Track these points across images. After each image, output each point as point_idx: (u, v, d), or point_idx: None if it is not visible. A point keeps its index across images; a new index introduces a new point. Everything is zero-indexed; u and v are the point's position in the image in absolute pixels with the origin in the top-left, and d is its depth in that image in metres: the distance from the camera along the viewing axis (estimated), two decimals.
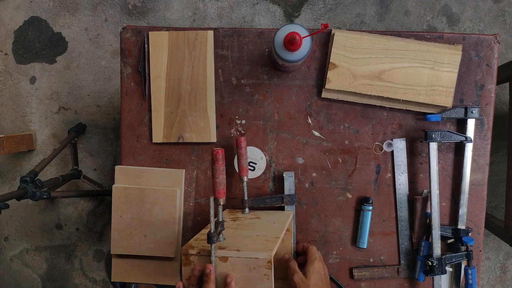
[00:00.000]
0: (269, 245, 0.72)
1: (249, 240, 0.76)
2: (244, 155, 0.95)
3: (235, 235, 0.79)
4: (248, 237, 0.77)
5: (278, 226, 0.84)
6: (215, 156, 0.78)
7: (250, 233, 0.80)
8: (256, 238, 0.77)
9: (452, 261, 0.94)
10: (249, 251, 0.70)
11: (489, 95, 0.97)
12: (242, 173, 0.95)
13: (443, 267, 0.94)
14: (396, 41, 0.94)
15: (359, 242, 0.99)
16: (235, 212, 0.96)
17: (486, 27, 1.78)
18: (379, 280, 1.01)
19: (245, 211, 0.96)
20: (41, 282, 1.95)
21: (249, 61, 0.99)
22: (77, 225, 1.92)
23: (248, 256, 0.70)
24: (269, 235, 0.78)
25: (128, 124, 1.01)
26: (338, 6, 1.81)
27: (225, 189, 0.77)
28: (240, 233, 0.81)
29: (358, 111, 0.99)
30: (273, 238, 0.76)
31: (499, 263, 1.82)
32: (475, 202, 0.98)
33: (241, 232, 0.81)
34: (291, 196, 0.98)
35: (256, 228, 0.83)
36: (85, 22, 1.88)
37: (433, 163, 0.93)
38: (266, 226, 0.84)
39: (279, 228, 0.83)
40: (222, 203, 0.77)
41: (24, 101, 1.90)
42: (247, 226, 0.85)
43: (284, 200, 0.98)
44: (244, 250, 0.71)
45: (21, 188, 1.38)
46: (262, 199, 0.98)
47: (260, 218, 0.91)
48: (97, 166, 1.91)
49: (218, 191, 0.77)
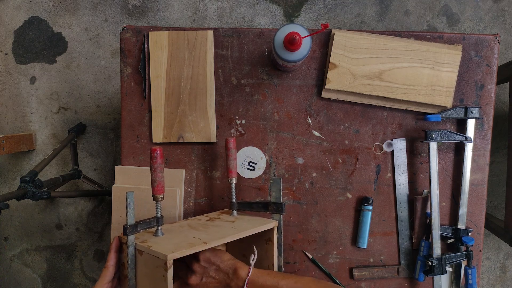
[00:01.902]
0: (183, 248, 0.71)
1: (178, 240, 0.75)
2: (231, 156, 0.92)
3: (178, 233, 0.80)
4: (184, 237, 0.77)
5: (232, 232, 0.80)
6: (152, 154, 0.79)
7: (194, 234, 0.79)
8: (189, 239, 0.76)
9: (452, 261, 0.94)
10: (157, 249, 0.70)
11: (489, 95, 0.97)
12: (230, 174, 0.92)
13: (443, 267, 0.93)
14: (396, 41, 0.94)
15: (359, 242, 0.99)
16: (223, 213, 0.95)
17: (486, 27, 1.78)
18: (379, 280, 1.01)
19: (233, 213, 0.93)
20: (41, 282, 1.95)
21: (249, 61, 0.99)
22: (77, 225, 1.92)
23: (153, 254, 0.70)
24: (209, 239, 0.76)
25: (128, 124, 1.01)
26: (338, 6, 1.81)
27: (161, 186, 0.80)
28: (185, 232, 0.81)
29: (358, 111, 0.99)
30: (202, 242, 0.74)
31: (499, 263, 1.82)
32: (475, 202, 0.98)
33: (188, 231, 0.81)
34: (277, 205, 0.88)
35: (208, 231, 0.81)
36: (85, 22, 1.88)
37: (433, 163, 0.93)
38: (221, 230, 0.81)
39: (229, 235, 0.78)
40: (160, 199, 0.79)
41: (24, 101, 1.90)
42: (203, 227, 0.84)
43: (270, 207, 0.89)
44: (155, 247, 0.71)
45: (21, 188, 1.38)
46: (248, 203, 0.92)
47: (235, 222, 0.87)
48: (97, 166, 1.91)
49: (155, 188, 0.80)
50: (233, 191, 0.93)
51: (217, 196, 1.01)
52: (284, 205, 0.88)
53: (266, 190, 1.01)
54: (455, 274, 0.98)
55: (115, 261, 0.80)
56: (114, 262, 0.80)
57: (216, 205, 1.01)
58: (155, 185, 0.79)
